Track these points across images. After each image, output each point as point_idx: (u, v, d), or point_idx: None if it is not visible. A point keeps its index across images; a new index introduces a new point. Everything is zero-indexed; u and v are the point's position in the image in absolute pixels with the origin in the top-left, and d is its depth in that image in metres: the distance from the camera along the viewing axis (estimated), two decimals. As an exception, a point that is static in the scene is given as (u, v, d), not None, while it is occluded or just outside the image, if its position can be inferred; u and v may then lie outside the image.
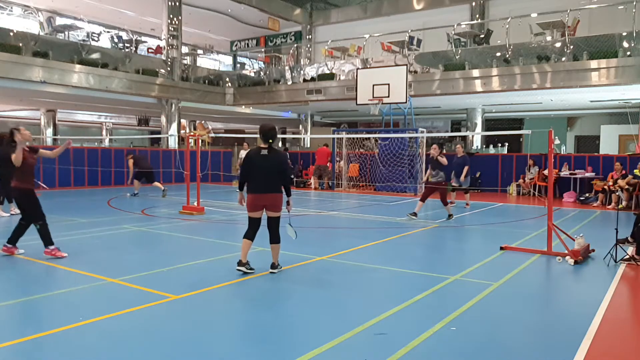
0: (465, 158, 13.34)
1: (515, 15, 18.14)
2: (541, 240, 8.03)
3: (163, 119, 22.83)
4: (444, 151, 13.36)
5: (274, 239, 6.24)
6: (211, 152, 23.04)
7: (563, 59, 16.38)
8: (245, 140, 20.61)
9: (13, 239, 7.02)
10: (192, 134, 18.60)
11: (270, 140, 6.09)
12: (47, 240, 6.88)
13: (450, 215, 11.19)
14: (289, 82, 22.99)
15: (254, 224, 6.24)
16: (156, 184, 15.92)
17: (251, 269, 6.20)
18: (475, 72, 17.83)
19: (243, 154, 18.27)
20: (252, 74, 25.23)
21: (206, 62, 31.84)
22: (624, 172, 14.55)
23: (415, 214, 11.14)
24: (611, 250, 7.06)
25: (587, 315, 4.77)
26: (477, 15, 22.90)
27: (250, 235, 6.23)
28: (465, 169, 13.19)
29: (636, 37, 15.25)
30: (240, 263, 6.19)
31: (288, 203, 6.28)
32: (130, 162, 15.67)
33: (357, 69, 19.67)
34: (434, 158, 11.06)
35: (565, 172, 16.73)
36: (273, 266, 6.26)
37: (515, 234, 9.41)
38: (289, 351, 3.87)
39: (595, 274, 6.56)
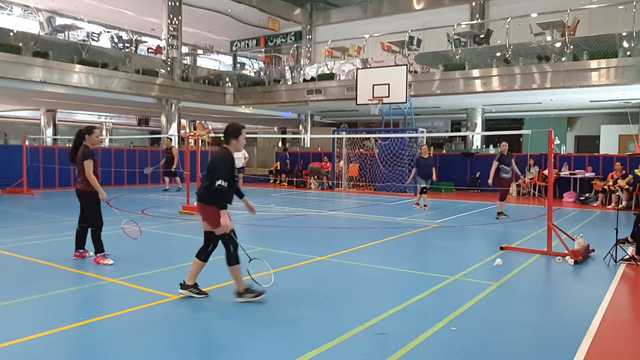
0: (434, 159, 13.47)
1: (515, 15, 18.14)
2: (541, 240, 8.03)
3: (163, 119, 22.83)
4: (445, 151, 13.43)
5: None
6: (211, 152, 23.01)
7: (563, 59, 16.37)
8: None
9: None
10: (192, 134, 18.68)
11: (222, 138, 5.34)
12: None
13: (501, 213, 11.59)
14: (289, 82, 22.99)
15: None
16: (177, 180, 17.61)
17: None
18: (475, 72, 17.83)
19: (236, 154, 18.42)
20: (252, 74, 25.23)
21: (206, 62, 31.86)
22: (624, 172, 14.54)
23: (502, 214, 11.61)
24: (611, 250, 7.05)
25: (587, 315, 4.77)
26: (477, 15, 22.90)
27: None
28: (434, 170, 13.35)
29: (636, 37, 15.25)
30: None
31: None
32: (175, 150, 16.94)
33: (357, 69, 19.67)
34: (504, 154, 11.56)
35: (565, 172, 16.72)
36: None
37: (515, 234, 9.41)
38: (289, 351, 3.87)
39: (595, 274, 6.56)
